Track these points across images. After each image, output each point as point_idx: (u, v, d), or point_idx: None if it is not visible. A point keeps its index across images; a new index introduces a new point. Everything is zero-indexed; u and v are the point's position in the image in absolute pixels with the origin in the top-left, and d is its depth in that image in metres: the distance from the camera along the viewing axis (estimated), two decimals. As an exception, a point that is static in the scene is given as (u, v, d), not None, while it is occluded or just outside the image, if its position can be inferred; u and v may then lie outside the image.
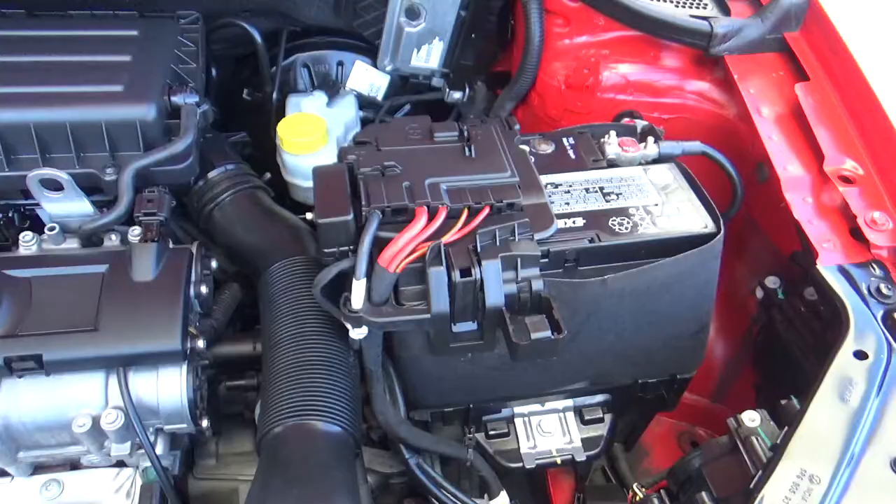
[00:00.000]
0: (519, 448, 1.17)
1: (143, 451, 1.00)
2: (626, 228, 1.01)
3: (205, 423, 1.03)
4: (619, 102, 1.40)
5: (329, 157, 1.35)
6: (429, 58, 1.55)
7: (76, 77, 1.12)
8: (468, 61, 1.57)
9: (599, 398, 1.20)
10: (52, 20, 1.30)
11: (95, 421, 0.94)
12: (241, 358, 1.17)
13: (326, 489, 0.84)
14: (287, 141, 1.34)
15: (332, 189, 0.97)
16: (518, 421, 1.19)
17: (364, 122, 1.55)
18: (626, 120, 1.34)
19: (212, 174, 1.25)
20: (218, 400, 1.20)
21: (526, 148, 1.14)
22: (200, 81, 1.27)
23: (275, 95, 1.52)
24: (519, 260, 0.93)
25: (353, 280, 0.91)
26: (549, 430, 1.18)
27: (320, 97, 1.49)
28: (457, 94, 1.62)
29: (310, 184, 1.33)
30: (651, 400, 1.20)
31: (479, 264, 0.91)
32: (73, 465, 1.06)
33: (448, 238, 0.92)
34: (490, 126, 1.11)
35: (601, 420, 1.20)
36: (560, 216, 1.02)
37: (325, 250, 0.96)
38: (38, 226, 1.14)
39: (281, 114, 1.47)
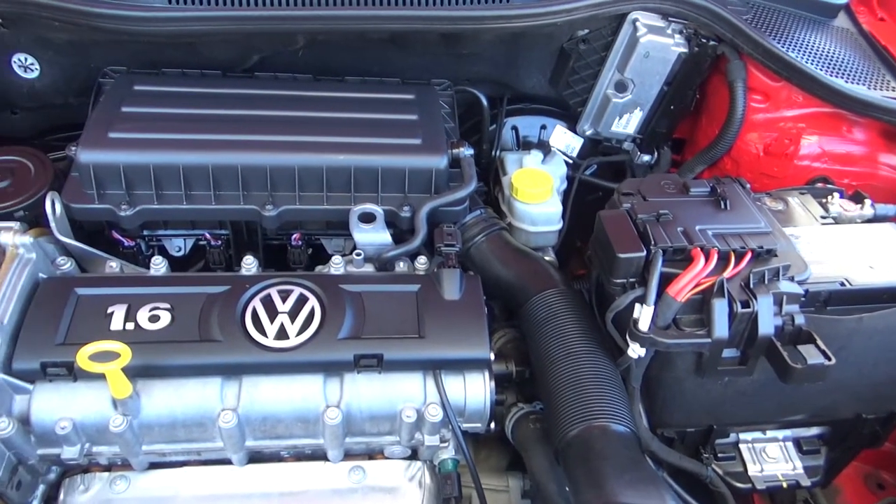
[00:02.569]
0: (746, 471, 1.30)
1: (435, 445, 1.18)
2: (867, 275, 1.17)
3: (493, 424, 1.20)
4: (813, 169, 1.58)
5: (553, 207, 1.55)
6: (627, 125, 1.76)
7: (381, 131, 1.36)
8: (662, 129, 1.77)
9: (817, 430, 1.33)
10: (332, 83, 1.56)
11: (419, 414, 1.13)
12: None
13: (650, 477, 1.00)
14: (521, 191, 1.55)
15: (621, 230, 1.16)
16: (743, 446, 1.33)
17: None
18: (819, 184, 1.52)
19: (468, 218, 1.46)
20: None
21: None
22: (457, 137, 1.51)
23: (494, 153, 1.75)
24: (784, 297, 1.10)
25: (643, 306, 1.09)
26: (773, 457, 1.32)
27: (537, 155, 1.70)
28: (646, 157, 1.82)
29: (536, 228, 1.54)
30: (864, 436, 1.32)
31: (755, 298, 1.08)
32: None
33: (727, 275, 1.10)
34: (733, 185, 1.29)
35: (818, 451, 1.33)
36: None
37: (616, 280, 1.14)
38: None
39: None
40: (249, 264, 1.25)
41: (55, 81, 1.62)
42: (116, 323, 1.11)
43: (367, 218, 1.29)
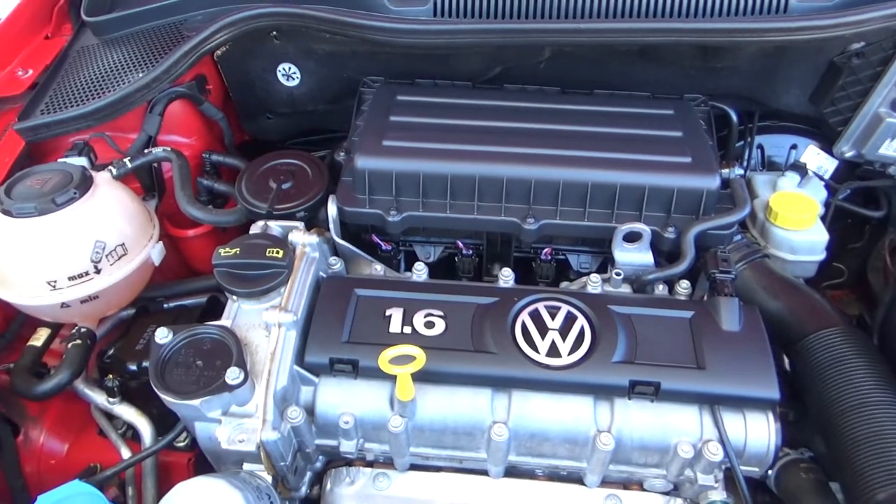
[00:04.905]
0: None
1: (707, 485, 1.11)
2: None
3: (769, 471, 1.11)
4: None
5: (818, 235, 1.42)
6: (898, 147, 1.58)
7: (646, 147, 1.32)
8: (941, 153, 1.57)
9: None
10: (581, 97, 1.54)
11: (696, 450, 1.06)
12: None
13: None
14: (781, 216, 1.44)
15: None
16: None
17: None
18: None
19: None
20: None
21: None
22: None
23: (744, 172, 1.64)
24: None
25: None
26: None
27: (793, 177, 1.58)
28: (914, 184, 1.63)
29: (795, 257, 1.42)
30: None
31: None
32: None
33: None
34: None
35: None
36: None
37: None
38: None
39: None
40: (507, 276, 1.25)
41: (311, 90, 1.73)
42: (395, 326, 1.14)
43: (633, 237, 1.25)
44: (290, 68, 1.69)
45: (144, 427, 1.36)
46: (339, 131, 1.82)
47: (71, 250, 1.26)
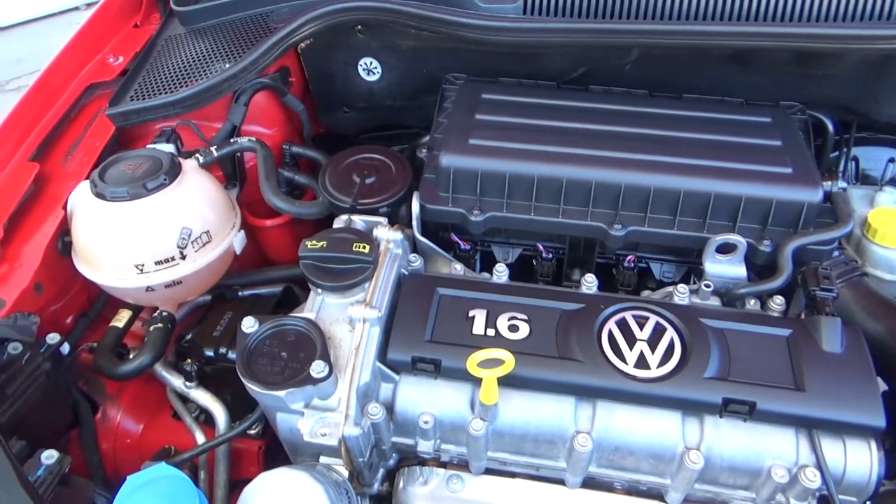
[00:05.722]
0: None
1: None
2: None
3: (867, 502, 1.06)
4: None
5: (920, 254, 1.35)
6: None
7: (743, 156, 1.26)
8: None
9: None
10: (670, 101, 1.49)
11: (791, 475, 1.02)
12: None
13: None
14: (881, 233, 1.36)
15: None
16: None
17: None
18: None
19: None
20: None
21: None
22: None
23: (846, 185, 1.56)
24: None
25: None
26: None
27: (892, 193, 1.50)
28: None
29: (894, 277, 1.35)
30: None
31: None
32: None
33: None
34: None
35: None
36: None
37: None
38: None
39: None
40: (590, 283, 1.21)
41: (390, 85, 1.72)
42: (478, 327, 1.13)
43: (726, 248, 1.20)
44: (371, 63, 1.68)
45: (219, 412, 1.38)
46: (412, 127, 1.81)
47: (159, 235, 1.28)
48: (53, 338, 1.28)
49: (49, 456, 1.10)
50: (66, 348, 1.31)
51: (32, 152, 1.46)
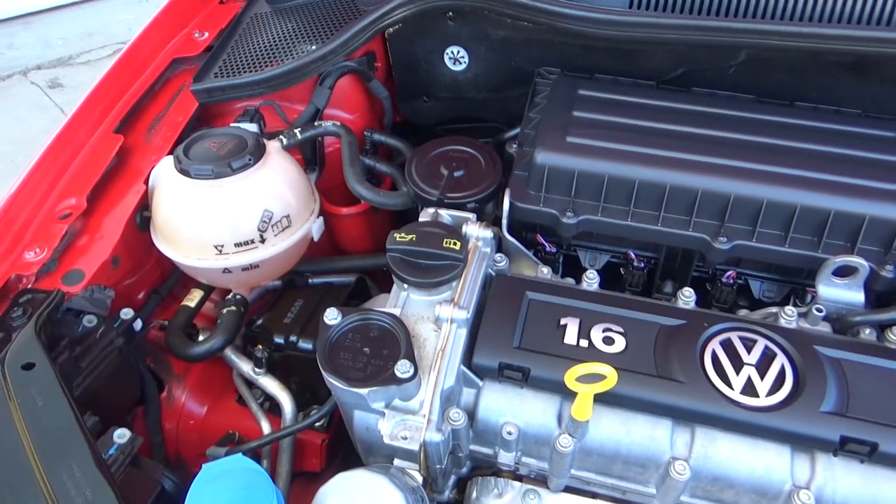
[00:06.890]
0: None
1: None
2: None
3: None
4: None
5: None
6: None
7: (868, 172, 1.16)
8: None
9: None
10: (781, 108, 1.38)
11: (912, 526, 0.93)
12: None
13: None
14: None
15: None
16: None
17: None
18: None
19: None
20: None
21: None
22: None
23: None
24: None
25: None
26: None
27: None
28: None
29: None
30: None
31: None
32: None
33: None
34: None
35: None
36: None
37: None
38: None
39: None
40: (688, 297, 1.13)
41: (476, 76, 1.66)
42: (570, 337, 1.06)
43: (845, 272, 1.10)
44: (458, 52, 1.63)
45: (286, 401, 1.35)
46: (490, 121, 1.75)
47: (241, 217, 1.25)
48: (127, 313, 1.27)
49: (121, 435, 1.07)
50: (138, 324, 1.29)
51: (117, 124, 1.45)
